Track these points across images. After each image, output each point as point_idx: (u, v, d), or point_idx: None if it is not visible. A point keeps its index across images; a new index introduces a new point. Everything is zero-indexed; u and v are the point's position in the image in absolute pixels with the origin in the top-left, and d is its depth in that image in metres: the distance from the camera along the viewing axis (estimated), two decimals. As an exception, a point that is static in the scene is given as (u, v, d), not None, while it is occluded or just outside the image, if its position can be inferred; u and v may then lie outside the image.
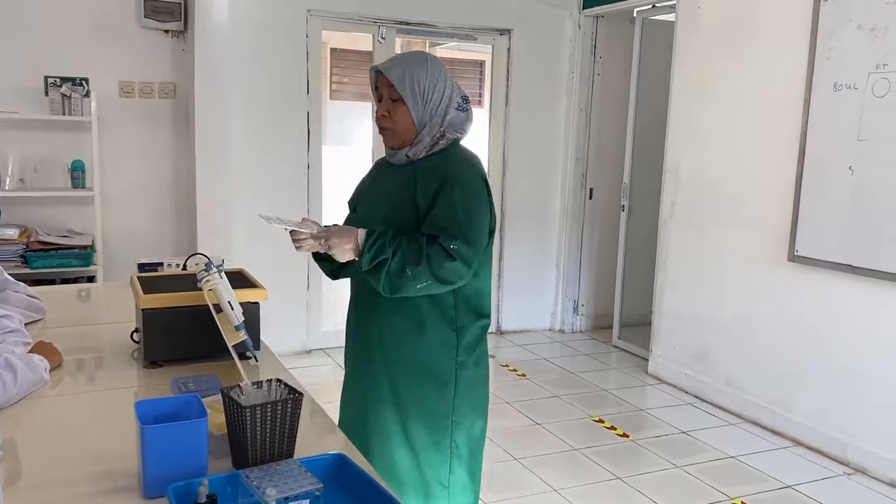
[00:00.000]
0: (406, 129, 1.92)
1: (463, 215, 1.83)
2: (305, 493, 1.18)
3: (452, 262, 1.80)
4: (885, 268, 3.36)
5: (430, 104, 1.90)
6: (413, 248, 1.80)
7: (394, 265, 1.78)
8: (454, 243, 1.80)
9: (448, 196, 1.84)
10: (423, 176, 1.89)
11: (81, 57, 4.27)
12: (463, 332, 1.96)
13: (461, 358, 1.97)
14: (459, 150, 1.97)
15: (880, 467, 3.45)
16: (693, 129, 4.50)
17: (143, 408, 1.32)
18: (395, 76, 1.88)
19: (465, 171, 1.91)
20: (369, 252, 1.79)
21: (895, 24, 3.29)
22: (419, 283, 1.80)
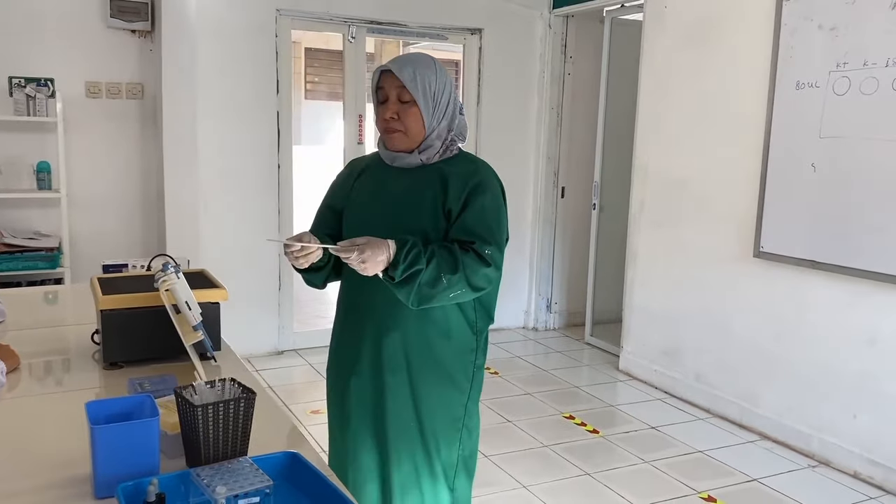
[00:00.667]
0: (417, 131, 1.87)
1: (494, 221, 1.84)
2: (255, 491, 1.19)
3: (487, 267, 1.79)
4: (848, 263, 3.42)
5: (439, 107, 1.88)
6: (447, 256, 1.77)
7: (426, 276, 1.73)
8: (488, 248, 1.80)
9: (480, 201, 1.83)
10: (455, 180, 1.86)
11: (47, 57, 4.22)
12: (481, 334, 1.99)
13: (479, 361, 2.00)
14: (477, 158, 1.99)
15: (844, 459, 3.51)
16: (660, 128, 4.54)
17: (94, 408, 1.32)
18: (407, 77, 1.83)
19: (493, 177, 1.93)
20: (404, 262, 1.72)
21: (854, 24, 3.35)
22: (453, 292, 1.78)
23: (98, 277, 2.11)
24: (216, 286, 2.07)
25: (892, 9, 3.19)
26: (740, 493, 3.28)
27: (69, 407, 1.73)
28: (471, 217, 1.82)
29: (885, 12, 3.22)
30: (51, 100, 4.10)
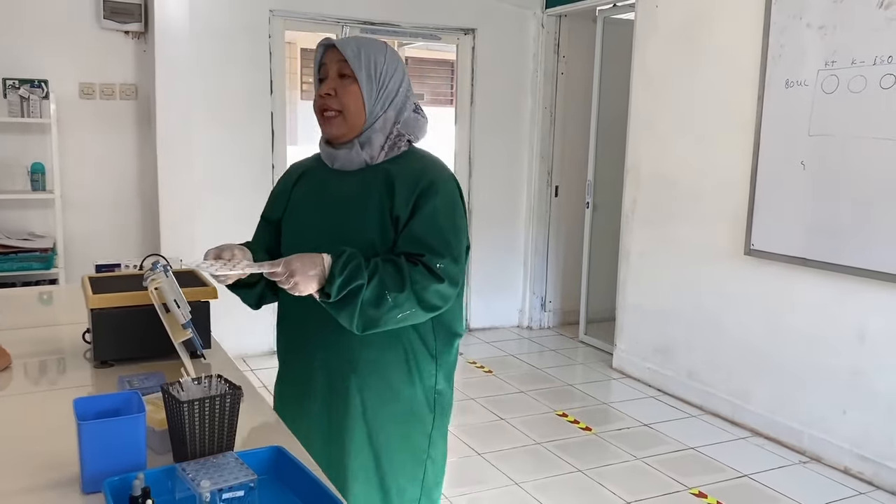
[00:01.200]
0: (356, 113, 1.65)
1: (448, 228, 1.62)
2: (240, 485, 1.20)
3: (440, 284, 1.57)
4: (838, 261, 3.45)
5: (385, 92, 1.66)
6: (392, 271, 1.54)
7: (369, 293, 1.51)
8: (441, 262, 1.57)
9: (430, 207, 1.61)
10: (402, 182, 1.64)
11: (40, 59, 4.23)
12: (441, 358, 1.76)
13: (440, 386, 1.78)
14: (428, 154, 1.74)
15: (834, 455, 3.54)
16: (652, 127, 4.57)
17: (81, 405, 1.34)
18: (351, 52, 1.63)
19: (446, 178, 1.68)
20: (341, 276, 1.50)
21: (843, 23, 3.37)
22: (401, 312, 1.55)
23: (89, 277, 2.13)
24: (205, 285, 2.08)
25: (879, 8, 3.21)
26: (731, 489, 3.31)
27: (60, 405, 1.74)
28: (420, 225, 1.60)
29: (873, 11, 3.24)
30: (45, 101, 4.11)
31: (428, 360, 1.73)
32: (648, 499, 3.19)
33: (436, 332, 1.73)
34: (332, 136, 1.69)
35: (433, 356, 1.74)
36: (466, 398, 4.29)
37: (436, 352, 1.74)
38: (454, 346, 1.81)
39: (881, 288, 3.31)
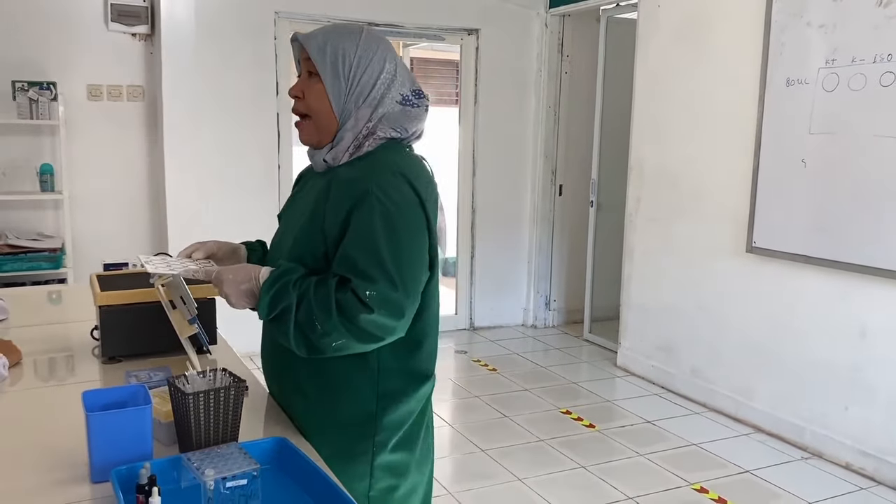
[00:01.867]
0: (323, 116, 1.48)
1: (387, 246, 1.36)
2: (243, 474, 1.24)
3: (369, 314, 1.34)
4: (839, 258, 3.46)
5: (356, 87, 1.46)
6: (321, 294, 1.36)
7: (300, 316, 1.37)
8: (371, 288, 1.34)
9: (364, 221, 1.38)
10: (337, 190, 1.44)
11: (48, 61, 4.28)
12: (389, 400, 1.49)
13: (381, 437, 1.50)
14: (390, 154, 1.48)
15: (836, 451, 3.56)
16: (655, 125, 4.59)
17: (89, 397, 1.38)
18: (314, 45, 1.46)
19: (390, 181, 1.41)
20: (267, 294, 1.39)
21: (843, 21, 3.39)
22: (333, 341, 1.37)
23: (97, 275, 2.17)
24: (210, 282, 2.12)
25: (879, 6, 3.23)
26: (733, 485, 3.33)
27: (69, 399, 1.78)
28: (350, 242, 1.39)
29: (872, 9, 3.26)
30: (53, 103, 4.16)
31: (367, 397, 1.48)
32: (651, 494, 3.22)
33: (380, 360, 1.48)
34: (304, 142, 1.55)
35: (375, 395, 1.48)
36: (471, 396, 4.33)
37: (379, 391, 1.48)
38: (414, 393, 1.52)
39: (882, 285, 3.32)
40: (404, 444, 1.55)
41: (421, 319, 1.49)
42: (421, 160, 1.55)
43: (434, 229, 1.46)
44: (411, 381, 1.52)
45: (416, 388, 1.54)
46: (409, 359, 1.50)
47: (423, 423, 1.60)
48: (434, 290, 1.53)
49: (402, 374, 1.51)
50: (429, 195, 1.47)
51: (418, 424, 1.59)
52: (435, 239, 1.47)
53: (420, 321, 1.49)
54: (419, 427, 1.59)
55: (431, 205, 1.47)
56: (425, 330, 1.52)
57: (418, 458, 1.60)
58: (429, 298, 1.50)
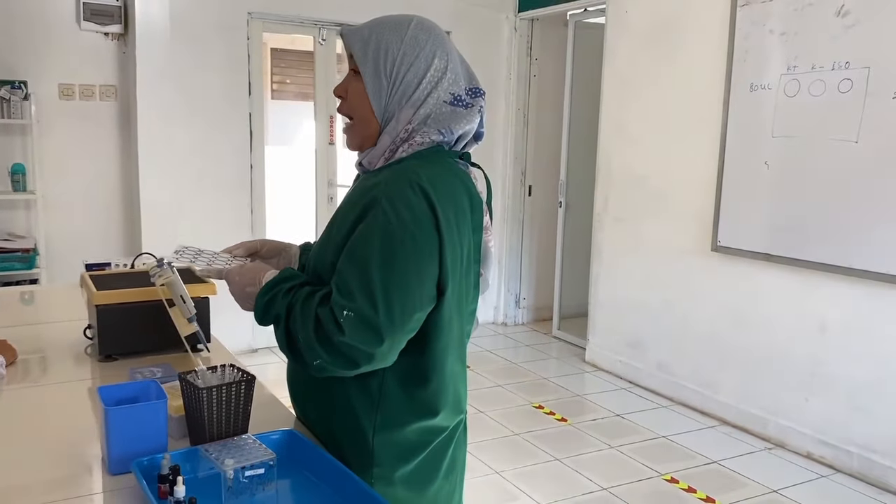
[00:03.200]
0: (364, 118, 1.36)
1: (379, 266, 1.23)
2: (260, 463, 1.30)
3: (342, 337, 1.22)
4: (800, 256, 3.62)
5: (398, 86, 1.33)
6: (306, 307, 1.28)
7: (292, 327, 1.31)
8: (349, 307, 1.22)
9: (364, 232, 1.27)
10: (353, 198, 1.36)
11: (20, 60, 4.24)
12: (387, 431, 1.37)
13: (379, 471, 1.38)
14: (419, 161, 1.32)
15: (797, 441, 3.72)
16: (622, 128, 4.72)
17: (105, 392, 1.42)
18: (358, 40, 1.35)
19: (403, 193, 1.26)
20: (261, 300, 1.35)
21: (804, 29, 3.55)
22: (315, 359, 1.28)
23: (90, 275, 2.20)
24: (204, 281, 2.16)
25: (837, 16, 3.39)
26: (702, 474, 3.46)
27: (69, 396, 1.82)
28: (344, 255, 1.29)
29: (831, 19, 3.42)
30: (25, 102, 4.13)
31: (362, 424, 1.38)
32: (624, 485, 3.33)
33: (383, 389, 1.35)
34: (349, 147, 1.43)
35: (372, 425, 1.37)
36: (445, 392, 4.40)
37: (377, 421, 1.36)
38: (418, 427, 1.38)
39: (840, 281, 3.49)
40: (412, 483, 1.41)
41: (428, 352, 1.34)
42: (463, 174, 1.36)
43: (448, 255, 1.27)
44: (414, 413, 1.38)
45: (420, 423, 1.38)
46: (414, 390, 1.36)
47: (440, 464, 1.45)
48: (447, 321, 1.33)
49: (405, 406, 1.37)
50: (454, 215, 1.28)
51: (433, 465, 1.44)
52: (447, 266, 1.28)
53: (427, 354, 1.34)
54: (434, 468, 1.44)
55: (454, 226, 1.28)
56: (433, 364, 1.35)
57: (432, 500, 1.46)
58: (438, 330, 1.33)
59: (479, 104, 1.37)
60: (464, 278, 1.35)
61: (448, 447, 1.47)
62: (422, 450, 1.41)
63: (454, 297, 1.34)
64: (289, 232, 6.23)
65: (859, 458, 3.45)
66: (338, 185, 5.34)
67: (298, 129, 9.18)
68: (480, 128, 1.41)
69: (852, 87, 3.34)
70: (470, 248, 1.35)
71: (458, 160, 1.39)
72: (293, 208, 6.03)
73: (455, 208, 1.30)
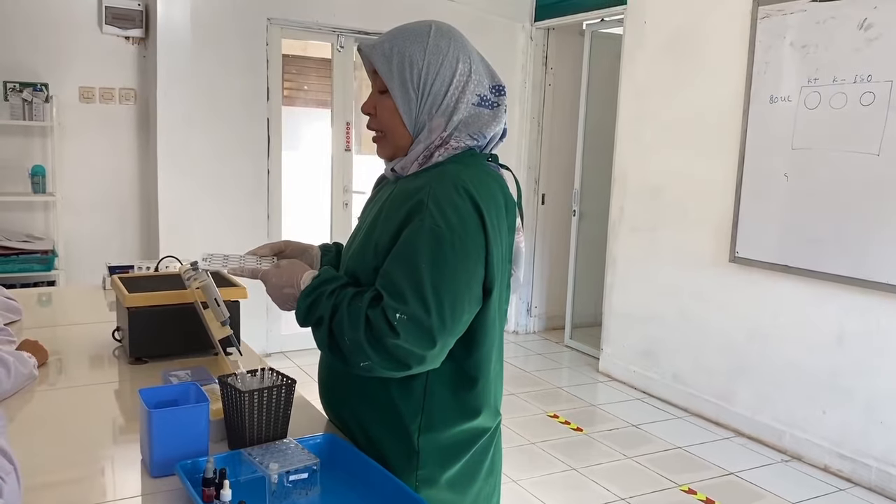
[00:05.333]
0: (397, 133, 1.40)
1: (429, 269, 1.25)
2: (304, 468, 1.30)
3: (395, 339, 1.24)
4: (817, 268, 3.62)
5: (427, 97, 1.35)
6: (355, 308, 1.29)
7: (335, 327, 1.30)
8: (402, 311, 1.24)
9: (412, 235, 1.28)
10: (394, 202, 1.37)
11: (41, 62, 4.27)
12: (433, 433, 1.38)
13: (425, 472, 1.39)
14: (459, 166, 1.36)
15: (814, 454, 3.70)
16: (639, 138, 4.73)
17: (146, 395, 1.42)
18: (381, 57, 1.36)
19: (450, 197, 1.29)
20: (304, 301, 1.35)
21: (825, 42, 3.55)
22: (361, 361, 1.29)
23: (119, 277, 2.21)
24: (235, 285, 2.17)
25: (860, 29, 3.40)
26: (719, 486, 3.45)
27: (100, 398, 1.83)
28: (392, 258, 1.30)
29: (853, 32, 3.42)
30: (46, 104, 4.15)
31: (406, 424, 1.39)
32: (642, 495, 3.32)
33: (428, 388, 1.37)
34: (381, 157, 1.48)
35: (417, 425, 1.39)
36: (459, 400, 4.40)
37: (422, 422, 1.38)
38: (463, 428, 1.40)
39: (857, 293, 3.48)
40: (456, 485, 1.43)
41: (475, 353, 1.37)
42: (497, 176, 1.42)
43: (494, 257, 1.31)
44: (459, 415, 1.40)
45: (464, 424, 1.41)
46: (459, 391, 1.39)
47: (482, 465, 1.47)
48: (492, 322, 1.37)
49: (450, 408, 1.39)
50: (496, 217, 1.33)
51: (476, 466, 1.45)
52: (493, 268, 1.31)
53: (474, 355, 1.37)
54: (477, 469, 1.46)
55: (497, 228, 1.33)
56: (480, 365, 1.38)
57: (473, 501, 1.48)
58: (484, 331, 1.36)
59: (503, 102, 1.42)
60: (504, 279, 1.40)
61: (489, 448, 1.49)
62: (466, 451, 1.43)
63: (497, 297, 1.38)
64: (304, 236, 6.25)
65: (878, 471, 3.44)
66: (353, 191, 5.36)
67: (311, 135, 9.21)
68: (504, 125, 1.46)
69: (875, 100, 3.34)
70: (506, 249, 1.39)
71: (489, 162, 1.44)
72: (308, 213, 6.05)
73: (496, 210, 1.35)
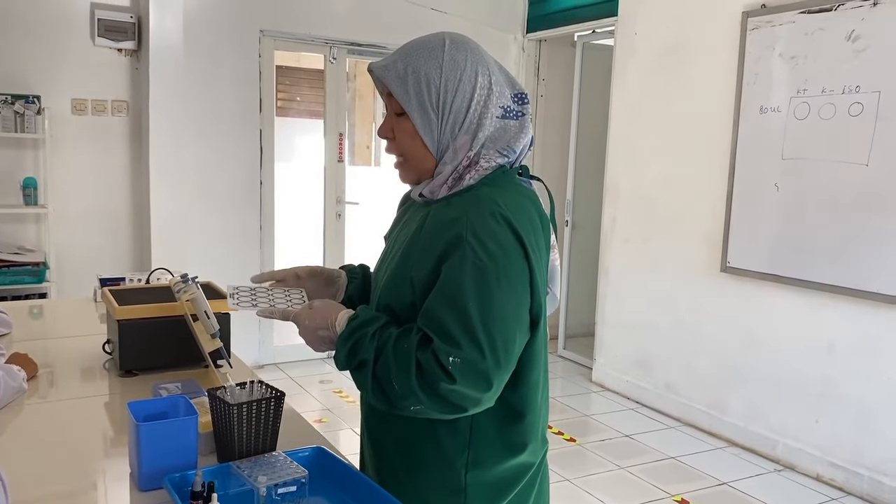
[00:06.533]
0: (418, 157, 1.31)
1: (477, 307, 1.18)
2: (293, 480, 1.30)
3: (451, 384, 1.17)
4: (808, 277, 3.64)
5: (448, 117, 1.27)
6: (402, 351, 1.21)
7: (379, 370, 1.22)
8: (456, 354, 1.17)
9: (454, 273, 1.20)
10: (427, 233, 1.27)
11: (33, 75, 4.27)
12: (480, 470, 1.32)
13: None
14: (492, 190, 1.26)
15: (807, 463, 3.71)
16: (631, 149, 4.75)
17: (135, 408, 1.42)
18: (395, 79, 1.27)
19: (488, 226, 1.21)
20: (343, 347, 1.26)
21: (813, 53, 3.58)
22: (412, 405, 1.21)
23: (109, 289, 2.20)
24: (225, 297, 2.17)
25: (848, 40, 3.43)
26: (712, 496, 3.45)
27: (89, 411, 1.82)
28: (436, 298, 1.21)
29: (841, 44, 3.45)
30: (38, 116, 4.15)
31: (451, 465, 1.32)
32: (634, 506, 3.33)
33: (474, 427, 1.30)
34: (405, 182, 1.39)
35: (464, 464, 1.31)
36: (453, 411, 4.40)
37: (468, 459, 1.31)
38: (509, 465, 1.33)
39: (849, 303, 3.50)
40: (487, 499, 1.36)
41: (521, 387, 1.30)
42: (531, 193, 1.35)
43: (539, 283, 1.25)
44: (506, 451, 1.33)
45: (512, 460, 1.34)
46: (506, 428, 1.32)
47: (529, 497, 1.41)
48: (538, 352, 1.32)
49: (497, 444, 1.32)
50: (535, 240, 1.26)
51: (524, 499, 1.40)
52: (539, 294, 1.25)
53: (520, 389, 1.30)
54: (525, 501, 1.41)
55: (538, 252, 1.26)
56: (527, 399, 1.31)
57: None
58: (530, 362, 1.30)
59: (528, 111, 1.33)
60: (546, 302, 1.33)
61: (536, 480, 1.43)
62: (515, 486, 1.36)
63: (543, 324, 1.32)
64: (296, 248, 6.24)
65: (870, 480, 3.45)
66: (346, 202, 5.36)
67: (303, 147, 9.23)
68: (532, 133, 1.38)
69: (863, 111, 3.37)
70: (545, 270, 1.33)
71: (520, 177, 1.36)
72: (301, 224, 6.05)
73: (534, 232, 1.27)
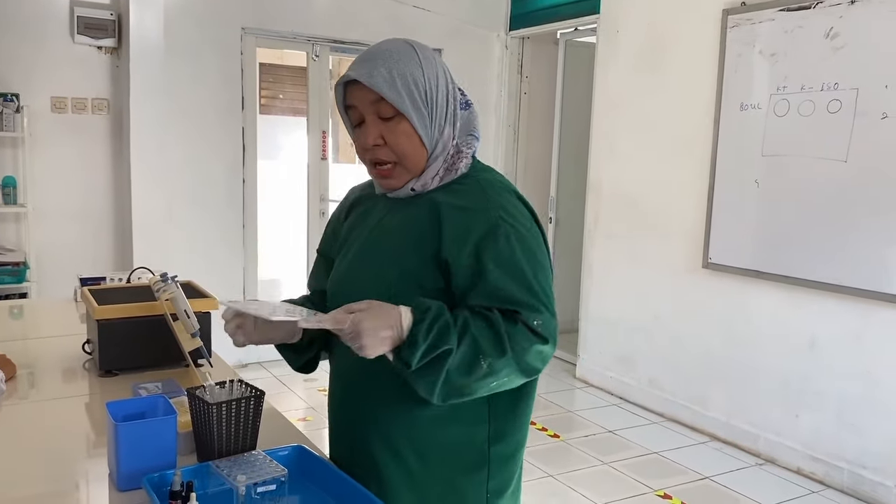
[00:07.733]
0: (415, 155, 1.35)
1: (533, 273, 1.29)
2: (272, 479, 1.30)
3: (543, 344, 1.27)
4: (789, 273, 3.67)
5: (436, 111, 1.35)
6: (486, 331, 1.25)
7: (459, 359, 1.23)
8: (539, 318, 1.27)
9: (507, 251, 1.29)
10: (453, 219, 1.33)
11: (12, 73, 4.23)
12: (500, 444, 1.41)
13: (494, 484, 1.42)
14: (488, 174, 1.42)
15: (788, 457, 3.75)
16: (613, 145, 4.77)
17: (113, 408, 1.42)
18: (385, 84, 1.29)
19: (511, 204, 1.36)
20: (426, 342, 1.21)
21: (793, 51, 3.61)
22: (497, 380, 1.27)
23: (89, 289, 2.19)
24: (206, 296, 2.16)
25: (826, 38, 3.46)
26: (694, 491, 3.48)
27: (69, 411, 1.81)
28: (501, 274, 1.28)
29: (820, 41, 3.48)
30: (17, 115, 4.11)
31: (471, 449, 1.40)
32: (618, 501, 3.34)
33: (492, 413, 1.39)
34: (392, 187, 1.39)
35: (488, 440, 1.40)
36: (437, 408, 4.40)
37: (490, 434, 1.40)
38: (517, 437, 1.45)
39: (828, 298, 3.53)
40: (516, 494, 1.50)
41: None
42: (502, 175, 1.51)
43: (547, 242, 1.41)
44: (519, 423, 1.45)
45: (523, 430, 1.47)
46: (519, 400, 1.42)
47: (520, 474, 1.52)
48: None
49: (511, 417, 1.42)
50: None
51: (519, 476, 1.51)
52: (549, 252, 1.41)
53: None
54: (520, 478, 1.52)
55: None
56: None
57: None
58: None
59: (469, 101, 1.45)
60: None
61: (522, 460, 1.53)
62: (520, 460, 1.48)
63: None
64: (280, 245, 6.22)
65: (850, 473, 3.48)
66: (329, 199, 5.35)
67: (287, 144, 9.19)
68: None
69: (841, 108, 3.40)
70: None
71: None
72: (284, 222, 6.03)
73: None
